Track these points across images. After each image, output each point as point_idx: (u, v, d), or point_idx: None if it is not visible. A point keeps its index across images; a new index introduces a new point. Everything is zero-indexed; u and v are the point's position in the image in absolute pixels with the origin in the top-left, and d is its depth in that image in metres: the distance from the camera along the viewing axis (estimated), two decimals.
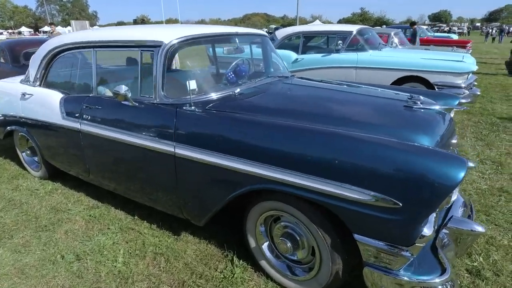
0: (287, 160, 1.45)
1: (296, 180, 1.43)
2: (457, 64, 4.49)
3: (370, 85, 2.59)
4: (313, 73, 5.53)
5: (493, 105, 5.87)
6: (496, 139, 4.13)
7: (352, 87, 2.37)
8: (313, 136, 1.44)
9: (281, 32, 6.02)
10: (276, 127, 1.54)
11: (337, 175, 1.33)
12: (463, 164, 1.20)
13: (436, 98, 2.37)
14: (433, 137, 1.57)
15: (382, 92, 2.27)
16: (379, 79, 4.98)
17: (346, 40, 5.30)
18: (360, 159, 1.30)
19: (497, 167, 3.30)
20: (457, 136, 2.01)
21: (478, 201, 2.64)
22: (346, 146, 1.36)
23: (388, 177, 1.24)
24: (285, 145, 1.46)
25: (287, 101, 1.95)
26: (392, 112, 1.76)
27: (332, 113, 1.73)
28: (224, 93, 2.01)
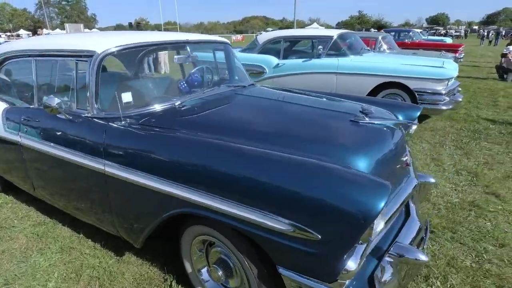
0: (204, 181, 1.33)
1: (215, 204, 1.30)
2: (437, 70, 4.38)
3: (330, 95, 2.47)
4: (294, 78, 5.42)
5: (478, 111, 5.76)
6: (476, 147, 4.01)
7: (306, 98, 2.24)
8: (229, 155, 1.31)
9: (262, 37, 5.91)
10: (191, 145, 1.42)
11: (254, 201, 1.21)
12: (383, 193, 1.07)
13: (397, 109, 2.26)
14: (373, 157, 1.44)
15: (336, 103, 2.15)
16: (359, 85, 4.87)
17: (326, 45, 5.19)
18: (277, 183, 1.17)
19: (472, 178, 3.17)
20: (408, 152, 1.88)
21: (446, 217, 2.51)
22: (263, 167, 1.23)
23: (305, 206, 1.11)
24: (199, 165, 1.34)
25: (225, 115, 1.82)
26: (334, 128, 1.63)
27: (269, 130, 1.60)
28: (164, 105, 1.88)
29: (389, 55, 5.40)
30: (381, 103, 2.36)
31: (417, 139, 4.28)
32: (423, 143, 4.14)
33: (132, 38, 1.93)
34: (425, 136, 4.38)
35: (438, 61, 4.55)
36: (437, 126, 4.79)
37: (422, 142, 4.19)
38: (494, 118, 5.25)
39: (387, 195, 1.07)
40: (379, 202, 1.04)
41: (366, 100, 2.39)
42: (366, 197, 1.06)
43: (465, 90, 7.67)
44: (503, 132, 4.57)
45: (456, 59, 11.33)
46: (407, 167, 1.72)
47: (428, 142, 4.17)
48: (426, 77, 4.36)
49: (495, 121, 5.07)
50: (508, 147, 4.02)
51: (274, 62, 5.60)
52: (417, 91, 4.47)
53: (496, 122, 5.04)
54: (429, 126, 4.79)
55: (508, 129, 4.70)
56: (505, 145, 4.08)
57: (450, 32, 43.95)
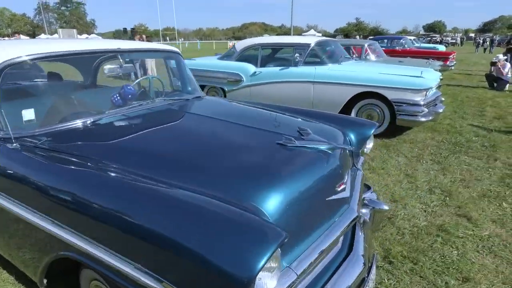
0: (78, 222, 1.10)
1: (86, 247, 1.08)
2: (415, 80, 4.18)
3: (279, 110, 2.25)
4: (271, 87, 5.22)
5: (463, 121, 5.55)
6: (455, 162, 3.79)
7: (246, 114, 2.03)
8: (102, 191, 1.09)
9: (240, 44, 5.72)
10: (67, 177, 1.20)
11: (123, 247, 0.99)
12: (266, 247, 0.84)
13: (350, 126, 2.05)
14: (289, 190, 1.21)
15: (275, 121, 1.93)
16: (336, 95, 4.68)
17: (304, 53, 5.00)
18: (145, 229, 0.95)
19: (445, 197, 2.94)
20: (350, 179, 1.65)
21: (409, 244, 2.27)
22: (133, 208, 1.01)
23: (171, 258, 0.89)
24: (71, 202, 1.11)
25: (134, 139, 1.57)
26: (254, 154, 1.40)
27: (175, 159, 1.36)
28: (74, 124, 1.65)
29: (369, 63, 5.21)
30: (334, 118, 2.15)
31: (394, 152, 4.06)
32: (399, 157, 3.92)
33: (42, 48, 1.71)
34: (403, 149, 4.16)
35: (416, 70, 4.36)
36: (417, 138, 4.58)
37: (399, 155, 3.97)
38: (479, 130, 5.04)
39: (272, 248, 0.84)
40: (259, 258, 0.81)
41: (317, 115, 2.18)
42: (243, 252, 0.83)
43: (453, 99, 7.51)
44: (485, 145, 4.36)
45: (446, 67, 11.25)
46: (345, 197, 1.49)
47: (405, 156, 3.95)
48: (403, 87, 4.16)
49: (479, 133, 4.87)
50: (488, 161, 3.81)
51: (251, 70, 5.41)
52: (394, 101, 4.26)
53: (480, 134, 4.83)
54: (409, 138, 4.57)
55: (491, 142, 4.49)
56: (485, 160, 3.86)
57: (446, 40, 44.20)
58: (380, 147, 4.21)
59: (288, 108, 2.34)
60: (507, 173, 3.47)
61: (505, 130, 5.05)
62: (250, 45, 5.55)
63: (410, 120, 4.23)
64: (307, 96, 4.92)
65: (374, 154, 3.98)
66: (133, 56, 2.37)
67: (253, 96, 5.47)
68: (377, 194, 2.96)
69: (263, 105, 2.44)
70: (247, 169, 1.25)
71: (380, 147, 4.21)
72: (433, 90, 4.66)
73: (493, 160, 3.84)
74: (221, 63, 5.78)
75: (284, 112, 2.22)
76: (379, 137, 4.55)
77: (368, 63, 5.26)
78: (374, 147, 4.20)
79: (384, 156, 3.92)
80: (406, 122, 4.28)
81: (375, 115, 4.56)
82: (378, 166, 3.63)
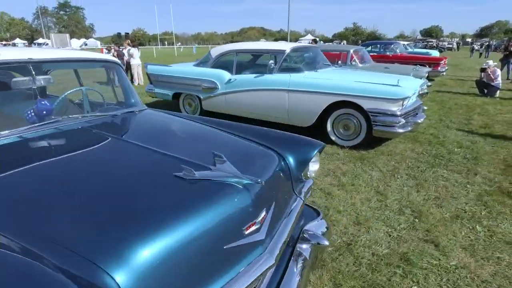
0: None
1: None
2: (390, 89, 3.95)
3: (219, 126, 2.01)
4: (246, 95, 5.00)
5: (448, 131, 5.32)
6: (432, 176, 3.55)
7: (167, 135, 1.78)
8: None
9: (215, 50, 5.51)
10: None
11: None
12: None
13: (291, 145, 1.81)
14: (171, 238, 0.96)
15: (195, 144, 1.69)
16: (311, 104, 4.45)
17: (279, 60, 4.78)
18: None
19: (415, 219, 2.69)
20: (261, 218, 1.39)
21: (364, 277, 2.02)
22: None
23: None
24: None
25: (13, 175, 1.33)
26: (140, 192, 1.14)
27: (64, 188, 1.12)
28: None
29: (348, 71, 4.99)
30: (276, 137, 1.91)
31: (369, 166, 3.82)
32: (373, 171, 3.68)
33: None
34: (379, 162, 3.92)
35: (393, 78, 4.13)
36: (396, 150, 4.34)
37: (374, 169, 3.73)
38: (462, 140, 4.81)
39: None
40: None
41: (259, 133, 1.94)
42: None
43: (441, 106, 7.29)
44: (467, 157, 4.13)
45: (437, 73, 11.06)
46: (258, 240, 1.24)
47: (379, 170, 3.71)
48: (378, 97, 3.93)
49: (462, 144, 4.63)
50: (468, 176, 3.57)
51: (226, 77, 5.19)
52: (370, 111, 4.03)
53: (463, 145, 4.60)
54: (387, 150, 4.33)
55: (473, 154, 4.25)
56: (465, 174, 3.62)
57: (442, 45, 44.26)
58: (355, 160, 3.97)
59: (231, 125, 2.10)
60: (486, 190, 3.23)
61: (490, 140, 4.82)
62: (225, 51, 5.33)
63: (386, 131, 3.99)
64: (282, 104, 4.69)
65: (347, 168, 3.73)
66: (52, 66, 2.13)
67: (228, 104, 5.24)
68: (341, 215, 2.73)
69: (207, 120, 2.21)
70: (113, 216, 1.00)
71: (355, 160, 3.97)
72: (413, 99, 4.44)
73: (473, 175, 3.60)
74: (197, 70, 5.56)
75: (224, 129, 1.99)
76: (356, 149, 4.31)
77: (347, 70, 5.04)
78: (348, 160, 3.96)
79: (357, 170, 3.67)
80: (382, 133, 4.04)
81: (351, 125, 4.32)
82: (349, 181, 3.38)
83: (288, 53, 4.81)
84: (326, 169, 3.70)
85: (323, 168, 3.72)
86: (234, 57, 5.20)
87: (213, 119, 2.23)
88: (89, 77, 2.64)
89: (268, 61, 4.80)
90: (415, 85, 4.40)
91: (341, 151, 4.26)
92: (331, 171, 3.66)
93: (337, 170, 3.69)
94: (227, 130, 1.97)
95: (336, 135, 4.48)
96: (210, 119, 2.24)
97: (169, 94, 5.95)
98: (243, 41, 72.43)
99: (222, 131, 1.93)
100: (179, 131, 1.87)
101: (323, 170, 3.68)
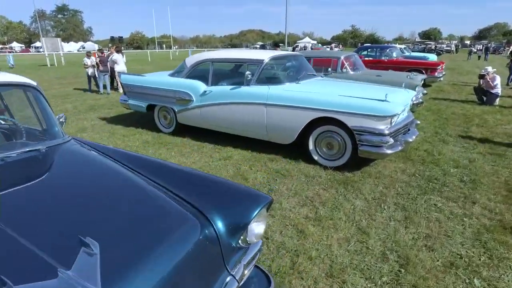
0: None
1: None
2: (377, 104, 3.51)
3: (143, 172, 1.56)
4: (222, 109, 4.56)
5: (444, 146, 4.88)
6: (424, 206, 3.10)
7: (65, 197, 1.33)
8: None
9: (190, 59, 5.07)
10: None
11: None
12: None
13: (224, 204, 1.37)
14: None
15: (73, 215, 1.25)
16: (292, 120, 4.02)
17: (257, 70, 4.35)
18: None
19: (400, 268, 2.24)
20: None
21: None
22: None
23: None
24: None
25: None
26: None
27: None
28: None
29: (332, 82, 4.54)
30: (207, 188, 1.46)
31: (353, 192, 3.37)
32: (357, 199, 3.23)
33: None
34: (365, 187, 3.47)
35: (381, 92, 3.69)
36: (385, 171, 3.89)
37: (358, 197, 3.28)
38: (459, 158, 4.37)
39: None
40: None
41: (183, 179, 1.49)
42: None
43: (437, 116, 6.86)
44: (464, 180, 3.69)
45: (434, 79, 10.63)
46: None
47: (364, 198, 3.26)
48: (363, 113, 3.49)
49: (459, 163, 4.19)
50: (464, 205, 3.12)
51: (201, 88, 4.76)
52: (355, 129, 3.59)
53: (460, 164, 4.16)
54: (375, 171, 3.89)
55: (471, 175, 3.81)
56: (461, 203, 3.18)
57: (441, 47, 43.91)
58: (338, 185, 3.52)
59: (162, 167, 1.66)
60: (485, 225, 2.78)
61: (490, 158, 4.39)
62: (200, 61, 4.89)
63: (373, 152, 3.54)
64: (260, 120, 4.25)
65: (328, 196, 3.29)
66: None
67: (204, 118, 4.81)
68: (312, 263, 2.28)
69: (134, 159, 1.76)
70: None
71: (338, 185, 3.52)
72: (404, 114, 4.00)
73: (470, 203, 3.16)
74: (171, 81, 5.13)
75: (147, 175, 1.54)
76: (340, 170, 3.87)
77: (332, 82, 4.58)
78: (330, 184, 3.53)
79: (339, 199, 3.23)
80: (368, 154, 3.59)
81: (335, 144, 3.88)
82: (327, 214, 2.93)
83: (267, 63, 4.38)
84: (303, 197, 3.25)
85: (301, 196, 3.28)
86: (210, 67, 4.77)
87: (146, 158, 1.79)
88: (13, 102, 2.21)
89: (245, 72, 4.36)
90: (406, 99, 3.96)
91: (323, 173, 3.82)
92: (309, 200, 3.21)
93: (316, 198, 3.24)
94: (151, 176, 1.53)
95: (319, 154, 4.03)
96: (141, 158, 1.79)
97: (143, 106, 5.52)
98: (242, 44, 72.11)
99: (140, 179, 1.49)
100: (75, 186, 1.42)
101: (300, 199, 3.23)
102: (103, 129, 5.88)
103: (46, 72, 18.12)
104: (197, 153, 4.54)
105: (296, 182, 3.59)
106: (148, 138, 5.26)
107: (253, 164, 4.13)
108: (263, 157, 4.33)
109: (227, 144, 4.82)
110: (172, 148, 4.76)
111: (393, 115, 3.45)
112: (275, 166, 4.05)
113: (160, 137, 5.28)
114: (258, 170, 3.95)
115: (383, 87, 4.17)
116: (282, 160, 4.24)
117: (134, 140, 5.19)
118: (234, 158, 4.33)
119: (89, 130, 5.83)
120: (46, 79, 14.40)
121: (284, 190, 3.42)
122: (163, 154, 4.53)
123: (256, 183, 3.59)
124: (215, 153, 4.53)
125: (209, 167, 4.06)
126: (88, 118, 6.75)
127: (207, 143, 4.94)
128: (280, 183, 3.58)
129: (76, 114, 7.21)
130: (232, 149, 4.64)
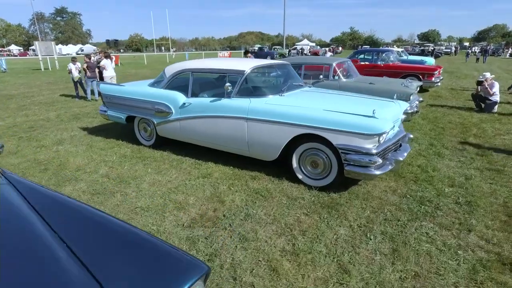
0: None
1: None
2: (363, 121, 3.22)
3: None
4: (202, 122, 4.28)
5: (439, 160, 4.59)
6: (414, 234, 2.81)
7: None
8: None
9: (170, 69, 4.79)
10: None
11: None
12: None
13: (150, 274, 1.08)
14: None
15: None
16: (274, 136, 3.73)
17: (237, 82, 4.06)
18: None
19: None
20: None
21: None
22: None
23: None
24: None
25: None
26: None
27: None
28: None
29: (318, 94, 4.24)
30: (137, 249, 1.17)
31: (337, 218, 3.08)
32: (341, 227, 2.94)
33: None
34: (351, 212, 3.18)
35: (369, 107, 3.40)
36: (374, 192, 3.60)
37: (342, 223, 2.99)
38: (455, 175, 4.08)
39: None
40: None
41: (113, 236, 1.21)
42: None
43: (434, 125, 6.58)
44: (459, 202, 3.40)
45: (431, 84, 10.36)
46: None
47: (349, 225, 2.97)
48: (348, 131, 3.21)
49: (454, 181, 3.90)
50: (459, 234, 2.83)
51: (180, 100, 4.48)
52: (340, 148, 3.30)
53: (456, 182, 3.87)
54: (363, 192, 3.60)
55: (468, 195, 3.52)
56: (456, 230, 2.88)
57: (440, 49, 43.70)
58: (321, 209, 3.23)
59: (93, 216, 1.37)
60: (482, 260, 2.49)
61: (488, 174, 4.10)
62: (179, 70, 4.61)
63: (359, 172, 3.25)
64: (241, 135, 3.96)
65: (309, 223, 3.00)
66: None
67: (184, 132, 4.52)
68: None
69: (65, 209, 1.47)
70: None
71: (321, 209, 3.23)
72: (394, 129, 3.71)
73: (466, 232, 2.87)
74: (150, 91, 4.84)
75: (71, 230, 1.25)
76: (326, 190, 3.58)
77: (318, 94, 4.27)
78: (314, 208, 3.23)
79: (321, 227, 2.93)
80: (355, 174, 3.30)
81: (320, 162, 3.59)
82: (306, 247, 2.64)
83: (248, 74, 4.10)
84: (282, 225, 2.96)
85: (279, 223, 2.98)
86: (190, 77, 4.49)
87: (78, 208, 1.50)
88: None
89: (226, 83, 4.08)
90: (396, 113, 3.68)
91: (307, 194, 3.52)
92: (288, 228, 2.91)
93: (296, 226, 2.95)
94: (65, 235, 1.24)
95: (303, 173, 3.74)
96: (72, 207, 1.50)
97: (122, 117, 5.23)
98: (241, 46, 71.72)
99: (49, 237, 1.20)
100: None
101: (279, 226, 2.94)
102: (82, 141, 5.59)
103: (38, 76, 17.85)
104: (175, 170, 4.25)
105: (277, 206, 3.29)
106: (126, 152, 4.97)
107: (233, 183, 3.84)
108: (244, 175, 4.04)
109: (208, 159, 4.53)
110: (149, 164, 4.47)
111: (381, 133, 3.15)
112: (256, 186, 3.75)
113: (140, 151, 4.99)
114: (237, 190, 3.66)
115: (372, 100, 3.89)
116: (265, 178, 3.95)
117: (111, 154, 4.90)
118: (214, 176, 4.03)
119: (66, 142, 5.54)
120: (37, 84, 14.14)
121: (262, 216, 3.12)
122: (138, 170, 4.24)
123: (233, 206, 3.30)
124: (194, 170, 4.24)
125: (185, 186, 3.76)
126: (69, 128, 6.46)
127: (188, 158, 4.65)
128: (259, 207, 3.29)
129: (58, 123, 6.92)
130: (213, 165, 4.36)
